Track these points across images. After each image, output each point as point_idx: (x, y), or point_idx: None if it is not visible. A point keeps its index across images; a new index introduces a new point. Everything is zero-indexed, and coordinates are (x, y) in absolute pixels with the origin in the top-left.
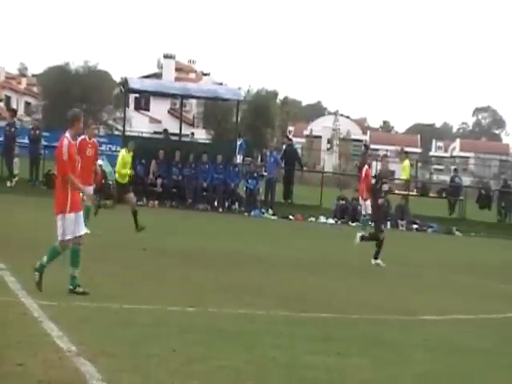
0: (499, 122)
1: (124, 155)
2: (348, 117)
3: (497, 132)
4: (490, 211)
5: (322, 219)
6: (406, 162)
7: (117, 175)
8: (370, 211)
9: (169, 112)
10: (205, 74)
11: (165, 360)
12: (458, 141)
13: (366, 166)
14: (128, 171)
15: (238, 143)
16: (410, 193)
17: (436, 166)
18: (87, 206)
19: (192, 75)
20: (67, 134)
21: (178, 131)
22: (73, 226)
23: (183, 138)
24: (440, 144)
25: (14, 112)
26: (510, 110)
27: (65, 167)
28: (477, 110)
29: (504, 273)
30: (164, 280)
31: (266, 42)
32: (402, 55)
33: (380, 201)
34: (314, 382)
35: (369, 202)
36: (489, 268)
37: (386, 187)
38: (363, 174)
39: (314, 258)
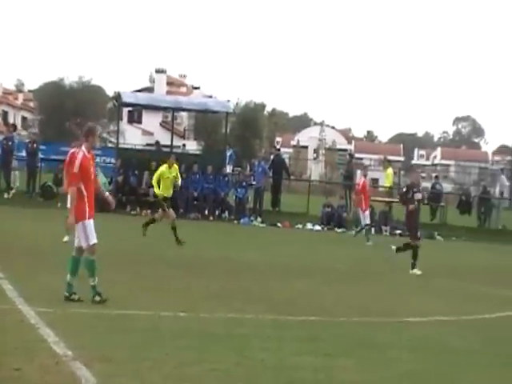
0: (478, 131)
1: (163, 171)
2: (333, 127)
3: (476, 140)
4: (470, 216)
5: (309, 226)
6: (390, 170)
7: (158, 190)
8: (368, 221)
9: (161, 125)
10: (195, 88)
11: (158, 364)
12: (439, 149)
13: (363, 179)
14: (168, 189)
15: (228, 154)
16: (393, 200)
17: None
18: None
19: (183, 89)
20: (83, 148)
21: (169, 143)
22: (93, 230)
23: (175, 150)
24: (422, 152)
25: (14, 127)
26: (488, 119)
27: (74, 179)
28: (457, 120)
29: (484, 275)
30: (157, 287)
31: (255, 56)
32: (384, 67)
33: (411, 206)
34: (302, 383)
35: (367, 213)
36: (469, 271)
37: (419, 196)
38: (360, 186)
39: (301, 263)
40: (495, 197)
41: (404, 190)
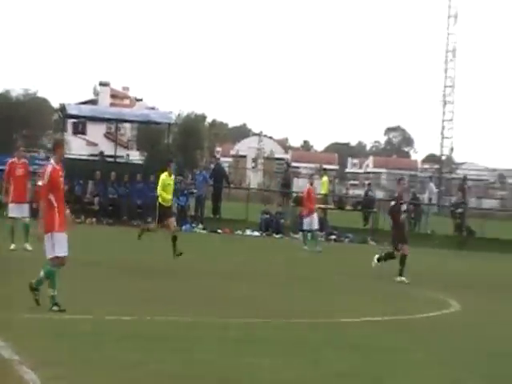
0: (408, 141)
1: (164, 179)
2: (271, 137)
3: (406, 150)
4: None
5: (248, 232)
6: (325, 178)
7: (159, 198)
8: (316, 226)
9: (105, 136)
10: (138, 100)
11: (104, 366)
12: (371, 158)
13: (309, 186)
14: (169, 196)
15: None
16: (328, 206)
17: (351, 182)
18: (27, 224)
19: (126, 101)
20: (51, 161)
21: (113, 153)
22: (63, 243)
23: (118, 160)
24: (355, 161)
25: None
26: (417, 129)
27: (42, 190)
28: (388, 130)
29: (414, 278)
30: (101, 291)
31: (196, 68)
32: (319, 79)
33: (402, 217)
34: (248, 383)
35: (315, 217)
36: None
37: (404, 207)
38: (306, 194)
39: (242, 267)
40: (424, 203)
41: (393, 203)
